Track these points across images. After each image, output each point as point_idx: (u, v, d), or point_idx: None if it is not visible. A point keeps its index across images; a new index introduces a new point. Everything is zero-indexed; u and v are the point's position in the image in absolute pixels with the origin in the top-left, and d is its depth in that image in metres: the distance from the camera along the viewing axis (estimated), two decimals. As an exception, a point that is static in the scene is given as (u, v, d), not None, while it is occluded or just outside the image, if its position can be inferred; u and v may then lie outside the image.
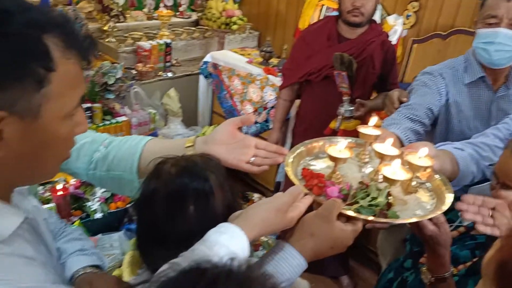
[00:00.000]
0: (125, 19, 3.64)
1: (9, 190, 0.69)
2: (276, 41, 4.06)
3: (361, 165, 1.09)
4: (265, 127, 3.09)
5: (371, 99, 2.42)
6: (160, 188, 0.85)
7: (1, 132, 0.58)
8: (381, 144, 1.05)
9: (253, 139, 1.00)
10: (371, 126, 1.12)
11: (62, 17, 0.64)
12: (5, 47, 0.56)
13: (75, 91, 0.66)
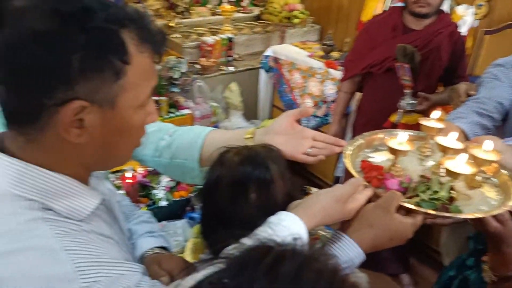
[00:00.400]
0: (190, 15, 3.76)
1: (88, 174, 0.76)
2: (338, 35, 4.01)
3: (422, 159, 1.07)
4: (325, 121, 3.08)
5: (436, 92, 2.34)
6: (223, 175, 0.89)
7: (82, 120, 0.64)
8: (444, 137, 1.02)
9: (311, 131, 1.01)
10: (433, 119, 1.09)
11: (137, 13, 0.68)
12: (87, 41, 0.61)
13: (148, 83, 0.70)
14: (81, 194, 0.70)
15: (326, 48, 3.08)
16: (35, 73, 0.60)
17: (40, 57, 0.60)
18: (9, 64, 0.61)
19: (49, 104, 0.62)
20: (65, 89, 0.61)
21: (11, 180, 0.66)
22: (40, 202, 0.66)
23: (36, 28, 0.60)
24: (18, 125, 0.66)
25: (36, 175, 0.66)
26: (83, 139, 0.66)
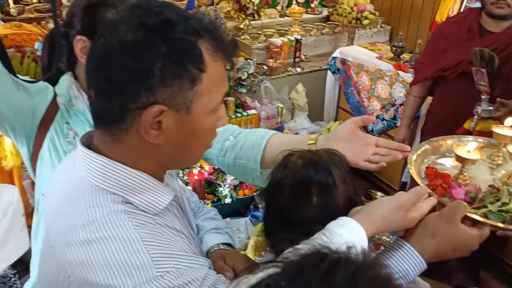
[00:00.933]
0: (259, 17, 3.83)
1: (163, 171, 0.82)
2: (409, 36, 3.89)
3: (493, 168, 1.03)
4: (392, 125, 3.01)
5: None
6: (287, 178, 0.92)
7: (161, 123, 0.70)
8: (517, 147, 0.98)
9: (374, 138, 1.01)
10: (507, 126, 1.05)
11: (212, 24, 0.74)
12: (168, 50, 0.67)
13: (220, 89, 0.75)
14: (157, 190, 0.77)
15: (396, 50, 3.01)
16: (122, 80, 0.67)
17: (127, 65, 0.66)
18: (101, 71, 0.69)
19: (133, 107, 0.69)
20: (147, 94, 0.68)
21: (97, 174, 0.73)
22: (121, 196, 0.73)
23: (125, 39, 0.67)
24: (104, 126, 0.74)
25: (119, 171, 0.74)
26: (160, 140, 0.72)
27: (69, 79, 1.13)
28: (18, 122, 1.08)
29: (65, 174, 0.81)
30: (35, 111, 1.10)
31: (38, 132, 1.11)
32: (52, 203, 0.79)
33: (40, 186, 1.14)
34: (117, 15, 0.71)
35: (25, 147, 1.13)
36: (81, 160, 0.77)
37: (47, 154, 1.11)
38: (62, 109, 1.13)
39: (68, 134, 1.12)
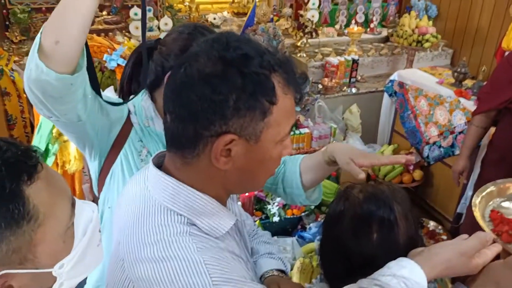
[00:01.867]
0: (317, 35, 3.84)
1: (227, 195, 0.85)
2: (472, 60, 3.77)
3: None
4: (450, 153, 2.90)
5: None
6: (347, 211, 0.92)
7: (230, 150, 0.73)
8: None
9: None
10: None
11: (285, 58, 0.76)
12: (244, 83, 0.70)
13: (288, 121, 0.77)
14: (220, 214, 0.79)
15: (458, 76, 2.91)
16: (200, 109, 0.70)
17: (206, 96, 0.70)
18: (180, 99, 0.72)
19: (206, 134, 0.72)
20: (221, 123, 0.71)
21: (167, 195, 0.77)
22: (187, 218, 0.76)
23: (205, 70, 0.71)
24: (177, 149, 0.78)
25: (187, 194, 0.77)
26: (228, 166, 0.75)
27: (147, 100, 1.17)
28: (97, 139, 1.13)
29: (136, 191, 0.85)
30: (112, 128, 1.15)
31: (112, 148, 1.16)
32: (123, 217, 0.83)
33: (106, 199, 1.19)
34: (197, 47, 0.75)
35: (96, 161, 1.18)
36: (152, 179, 0.81)
37: (119, 169, 1.16)
38: (137, 128, 1.18)
39: (142, 152, 1.17)
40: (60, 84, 0.93)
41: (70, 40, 0.91)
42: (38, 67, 0.90)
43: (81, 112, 1.03)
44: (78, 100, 1.00)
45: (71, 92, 0.97)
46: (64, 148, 2.41)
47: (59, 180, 0.64)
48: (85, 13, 0.92)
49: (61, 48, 0.91)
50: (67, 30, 0.91)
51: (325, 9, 3.95)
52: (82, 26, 0.92)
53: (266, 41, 3.26)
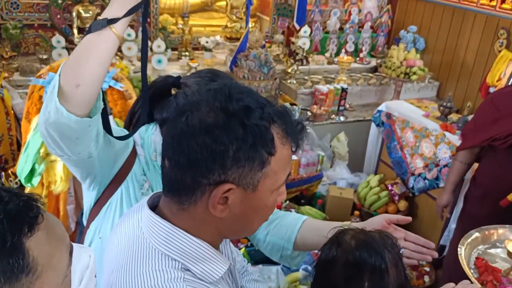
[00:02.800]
0: (308, 63, 3.91)
1: (221, 240, 0.86)
2: (458, 93, 3.86)
3: (548, 267, 1.01)
4: (434, 185, 2.95)
5: None
6: (340, 257, 0.94)
7: (227, 198, 0.74)
8: None
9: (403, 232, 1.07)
10: None
11: (284, 110, 0.78)
12: (244, 134, 0.71)
13: (285, 171, 0.79)
14: (214, 259, 0.80)
15: (444, 110, 2.98)
16: (200, 158, 0.71)
17: (207, 145, 0.71)
18: (180, 147, 0.73)
19: (204, 183, 0.73)
20: (220, 172, 0.72)
21: (161, 240, 0.77)
22: (181, 263, 0.76)
23: (207, 120, 0.72)
24: (174, 194, 0.78)
25: (182, 239, 0.77)
26: (224, 214, 0.76)
27: (158, 134, 1.16)
28: (100, 172, 1.11)
29: (130, 231, 0.85)
30: (117, 160, 1.13)
31: (113, 179, 1.14)
32: (115, 258, 0.83)
33: (98, 229, 1.17)
34: (199, 96, 0.76)
35: (95, 191, 1.15)
36: (146, 222, 0.81)
37: (118, 201, 1.14)
38: (142, 161, 1.16)
39: (144, 185, 1.16)
40: (79, 127, 0.93)
41: (91, 84, 0.91)
42: (58, 110, 0.89)
43: (93, 150, 1.02)
44: (92, 139, 0.99)
45: (87, 133, 0.96)
46: (51, 168, 2.38)
47: (59, 228, 0.64)
48: (107, 58, 0.92)
49: (81, 91, 0.90)
50: (88, 74, 0.90)
51: (316, 37, 4.02)
52: (103, 70, 0.92)
53: (257, 66, 3.30)
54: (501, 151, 2.21)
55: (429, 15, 4.10)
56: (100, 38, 0.91)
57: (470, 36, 3.74)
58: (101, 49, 0.91)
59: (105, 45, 0.92)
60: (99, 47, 0.91)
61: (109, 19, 0.92)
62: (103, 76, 0.93)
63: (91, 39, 0.92)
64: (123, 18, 0.93)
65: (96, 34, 0.91)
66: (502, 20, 3.45)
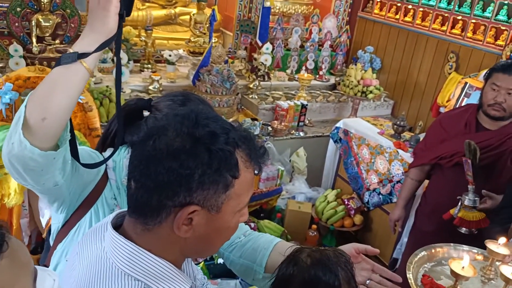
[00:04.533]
0: (269, 79, 3.99)
1: (183, 260, 0.88)
2: (411, 112, 4.05)
3: (485, 282, 1.09)
4: (388, 200, 3.08)
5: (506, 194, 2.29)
6: (296, 275, 0.98)
7: (192, 219, 0.77)
8: (508, 267, 1.05)
9: (371, 263, 1.10)
10: (501, 244, 1.12)
11: (247, 134, 0.81)
12: (209, 159, 0.74)
13: (248, 193, 0.82)
14: (177, 278, 0.82)
15: (398, 128, 3.13)
16: (166, 181, 0.74)
17: (172, 169, 0.73)
18: (147, 170, 0.75)
19: (170, 204, 0.75)
20: (185, 195, 0.75)
21: (125, 260, 0.79)
22: (144, 283, 0.78)
23: (174, 145, 0.74)
24: (138, 215, 0.80)
25: (145, 259, 0.79)
26: (189, 234, 0.78)
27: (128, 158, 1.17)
28: (69, 196, 1.10)
29: (92, 251, 0.85)
30: (87, 186, 1.12)
31: (83, 203, 1.13)
32: (76, 278, 0.84)
33: (65, 251, 1.15)
34: (166, 120, 0.79)
35: (63, 214, 1.14)
36: (109, 241, 0.82)
37: (87, 224, 1.13)
38: (113, 185, 1.15)
39: (114, 209, 1.15)
40: (43, 160, 0.91)
41: (58, 117, 0.89)
42: (21, 143, 0.88)
43: (59, 178, 1.00)
44: (57, 169, 0.97)
45: (52, 164, 0.94)
46: (5, 181, 2.32)
47: (23, 254, 0.64)
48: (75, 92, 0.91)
49: (48, 125, 0.89)
50: (56, 107, 0.88)
51: (278, 54, 4.12)
52: (71, 103, 0.91)
53: (220, 81, 3.35)
54: (447, 170, 2.35)
55: (385, 37, 4.30)
56: (70, 71, 0.90)
57: (423, 58, 3.95)
58: (70, 82, 0.90)
59: (75, 79, 0.91)
60: (68, 81, 0.90)
61: (80, 54, 0.91)
62: (71, 110, 0.91)
63: (60, 72, 0.90)
64: (94, 53, 0.92)
65: (66, 68, 0.90)
66: (452, 44, 3.67)
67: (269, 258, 1.16)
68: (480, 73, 3.39)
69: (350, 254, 1.08)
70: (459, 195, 2.21)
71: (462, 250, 1.14)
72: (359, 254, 1.11)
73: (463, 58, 3.62)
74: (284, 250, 1.12)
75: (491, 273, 1.10)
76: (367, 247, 1.12)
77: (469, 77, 3.47)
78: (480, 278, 1.09)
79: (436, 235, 2.26)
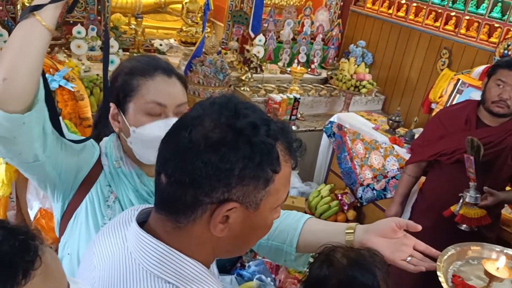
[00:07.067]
0: (262, 71, 3.93)
1: (213, 260, 0.82)
2: (402, 108, 4.04)
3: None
4: (382, 195, 3.07)
5: (507, 190, 2.30)
6: (332, 276, 0.93)
7: (228, 217, 0.71)
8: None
9: (412, 240, 1.02)
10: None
11: (285, 126, 0.76)
12: (251, 152, 0.68)
13: (286, 188, 0.77)
14: (209, 281, 0.76)
15: (393, 124, 3.12)
16: (204, 175, 0.68)
17: (211, 162, 0.67)
18: (183, 163, 0.69)
19: (206, 201, 0.70)
20: (224, 191, 0.69)
21: (154, 261, 0.73)
22: (176, 286, 0.72)
23: (212, 137, 0.68)
24: (169, 212, 0.74)
25: (176, 260, 0.73)
26: (224, 233, 0.73)
27: (116, 140, 1.13)
28: (60, 180, 1.05)
29: (114, 251, 0.80)
30: (80, 170, 1.08)
31: (77, 191, 1.09)
32: (99, 280, 0.78)
33: (66, 244, 1.11)
34: (201, 110, 0.73)
35: (59, 203, 1.10)
36: (135, 241, 0.76)
37: (83, 214, 1.09)
38: (106, 171, 1.11)
39: (109, 198, 1.10)
40: (10, 124, 0.86)
41: (18, 77, 0.85)
42: None
43: (39, 152, 0.95)
44: (34, 139, 0.92)
45: (24, 132, 0.89)
46: (-9, 172, 2.21)
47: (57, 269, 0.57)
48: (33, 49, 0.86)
49: (9, 85, 0.84)
50: (14, 66, 0.84)
51: (270, 46, 4.06)
52: (31, 62, 0.86)
53: (213, 73, 3.28)
54: (446, 166, 2.34)
55: (378, 32, 4.28)
56: (24, 27, 0.87)
57: (415, 54, 3.95)
58: (25, 40, 0.86)
59: (30, 35, 0.86)
60: (24, 38, 0.86)
61: (33, 6, 0.86)
62: (33, 70, 0.87)
63: (16, 31, 0.87)
64: (50, 6, 0.87)
65: (21, 24, 0.87)
66: (445, 41, 3.68)
67: (300, 238, 1.10)
68: (473, 69, 3.41)
69: (391, 228, 1.01)
70: (458, 192, 2.21)
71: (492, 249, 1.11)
72: (400, 229, 1.03)
73: (456, 55, 3.63)
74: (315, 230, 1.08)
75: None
76: (408, 222, 1.04)
77: (462, 73, 3.48)
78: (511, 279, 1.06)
79: (432, 232, 2.25)
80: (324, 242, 1.04)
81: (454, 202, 2.25)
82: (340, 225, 1.09)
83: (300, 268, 1.16)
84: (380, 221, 1.06)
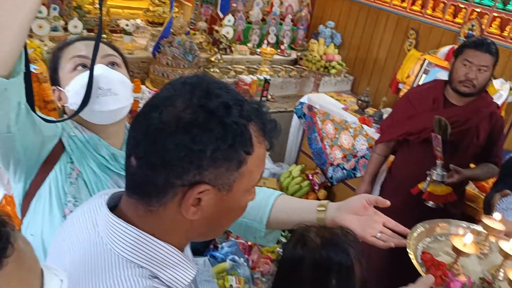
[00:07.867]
0: (231, 52, 3.88)
1: (187, 243, 0.81)
2: (371, 88, 4.09)
3: (480, 257, 1.11)
4: (352, 175, 3.12)
5: (471, 168, 2.38)
6: (306, 257, 0.94)
7: (200, 200, 0.70)
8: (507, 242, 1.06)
9: (383, 217, 1.04)
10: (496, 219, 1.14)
11: (260, 106, 0.74)
12: (223, 133, 0.67)
13: (260, 170, 0.76)
14: (183, 265, 0.75)
15: (362, 104, 3.16)
16: (175, 157, 0.66)
17: (183, 144, 0.65)
18: (154, 145, 0.67)
19: (178, 183, 0.68)
20: (195, 173, 0.67)
21: (127, 245, 0.71)
22: (149, 270, 0.71)
23: (184, 118, 0.66)
24: (141, 196, 0.72)
25: (149, 244, 0.72)
26: (196, 216, 0.71)
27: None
28: (25, 156, 1.02)
29: (83, 236, 0.77)
30: (44, 147, 1.05)
31: (40, 170, 1.06)
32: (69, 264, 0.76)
33: (29, 225, 1.08)
34: (172, 90, 0.70)
35: (21, 183, 1.07)
36: (106, 226, 0.74)
37: (46, 193, 1.06)
38: (66, 146, 1.09)
39: (71, 174, 1.08)
40: None
41: (5, 38, 0.80)
42: None
43: (12, 123, 0.92)
44: (11, 109, 0.89)
45: (4, 99, 0.86)
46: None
47: (30, 255, 0.54)
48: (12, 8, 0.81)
49: None
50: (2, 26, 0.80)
51: (239, 27, 4.00)
52: (14, 26, 0.81)
53: (182, 54, 3.21)
54: (414, 145, 2.40)
55: (346, 12, 4.29)
56: None
57: (383, 34, 3.98)
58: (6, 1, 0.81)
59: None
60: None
61: None
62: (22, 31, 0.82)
63: None
64: None
65: None
66: (412, 21, 3.72)
67: (270, 215, 1.10)
68: (439, 50, 3.47)
69: (362, 205, 1.02)
70: (425, 170, 2.27)
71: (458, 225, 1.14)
72: (370, 205, 1.05)
73: (423, 35, 3.68)
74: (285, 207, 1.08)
75: (485, 249, 1.12)
76: (377, 198, 1.05)
77: (428, 54, 3.54)
78: (476, 255, 1.10)
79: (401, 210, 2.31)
80: (295, 219, 1.04)
81: (421, 180, 2.31)
82: (312, 203, 1.09)
83: (270, 245, 1.16)
84: (350, 198, 1.07)
